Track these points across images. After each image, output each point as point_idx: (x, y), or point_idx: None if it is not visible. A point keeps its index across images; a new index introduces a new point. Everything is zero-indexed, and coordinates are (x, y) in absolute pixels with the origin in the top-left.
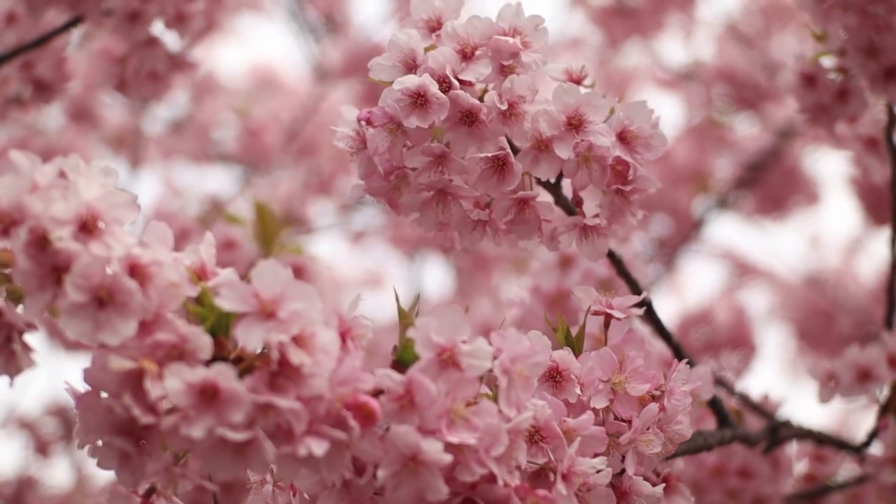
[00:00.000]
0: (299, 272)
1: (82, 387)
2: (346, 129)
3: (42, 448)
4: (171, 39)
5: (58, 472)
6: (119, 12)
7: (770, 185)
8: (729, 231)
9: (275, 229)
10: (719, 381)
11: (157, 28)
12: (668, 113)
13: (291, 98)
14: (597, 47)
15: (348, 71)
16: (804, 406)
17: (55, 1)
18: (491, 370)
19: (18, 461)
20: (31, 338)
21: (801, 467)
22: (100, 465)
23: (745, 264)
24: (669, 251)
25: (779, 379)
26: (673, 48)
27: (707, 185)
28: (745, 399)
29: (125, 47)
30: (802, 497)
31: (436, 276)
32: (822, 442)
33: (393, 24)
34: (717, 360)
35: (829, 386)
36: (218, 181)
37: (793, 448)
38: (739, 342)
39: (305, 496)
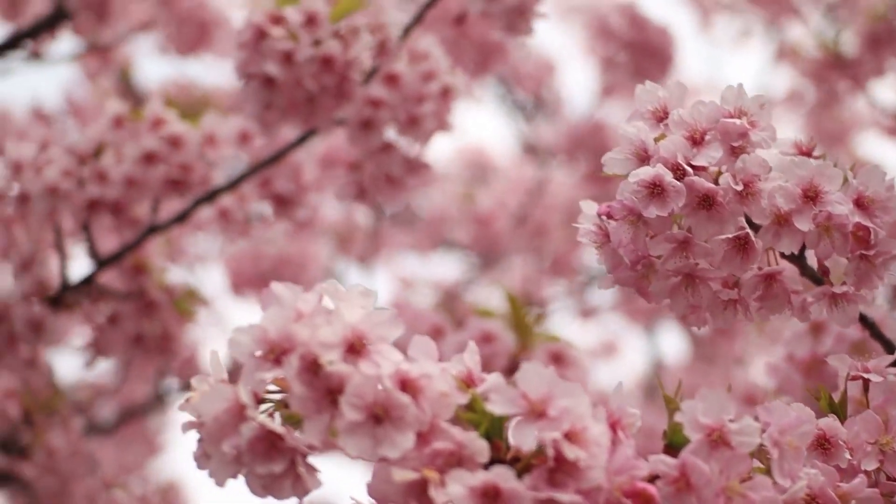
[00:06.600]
0: (558, 359)
1: (367, 501)
2: (587, 225)
3: None
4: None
5: None
6: (352, 122)
7: None
8: None
9: (529, 319)
10: None
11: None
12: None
13: (515, 183)
14: (812, 101)
15: (571, 150)
16: None
17: (289, 117)
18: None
19: None
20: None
21: None
22: None
23: None
24: None
25: None
26: (890, 92)
27: None
28: None
29: (358, 154)
30: None
31: (672, 344)
32: None
33: (605, 101)
34: None
35: None
36: (445, 270)
37: None
38: None
39: None
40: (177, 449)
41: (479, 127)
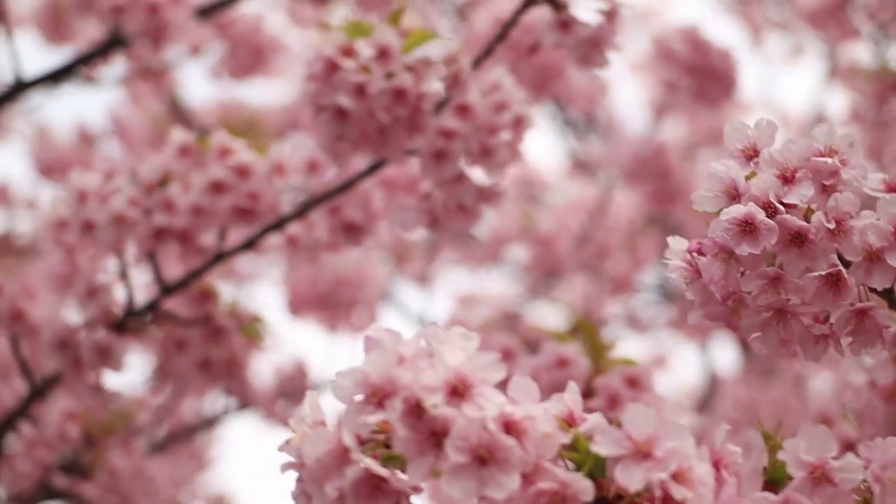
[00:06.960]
0: (634, 383)
1: None
2: (677, 261)
3: None
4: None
5: None
6: (425, 153)
7: None
8: None
9: (603, 342)
10: None
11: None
12: None
13: (576, 203)
14: (872, 120)
15: (634, 172)
16: None
17: (360, 148)
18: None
19: None
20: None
21: None
22: None
23: None
24: None
25: None
26: None
27: None
28: None
29: (429, 183)
30: None
31: (724, 356)
32: None
33: (662, 122)
34: None
35: None
36: (499, 286)
37: None
38: None
39: None
40: (225, 464)
41: (531, 144)
